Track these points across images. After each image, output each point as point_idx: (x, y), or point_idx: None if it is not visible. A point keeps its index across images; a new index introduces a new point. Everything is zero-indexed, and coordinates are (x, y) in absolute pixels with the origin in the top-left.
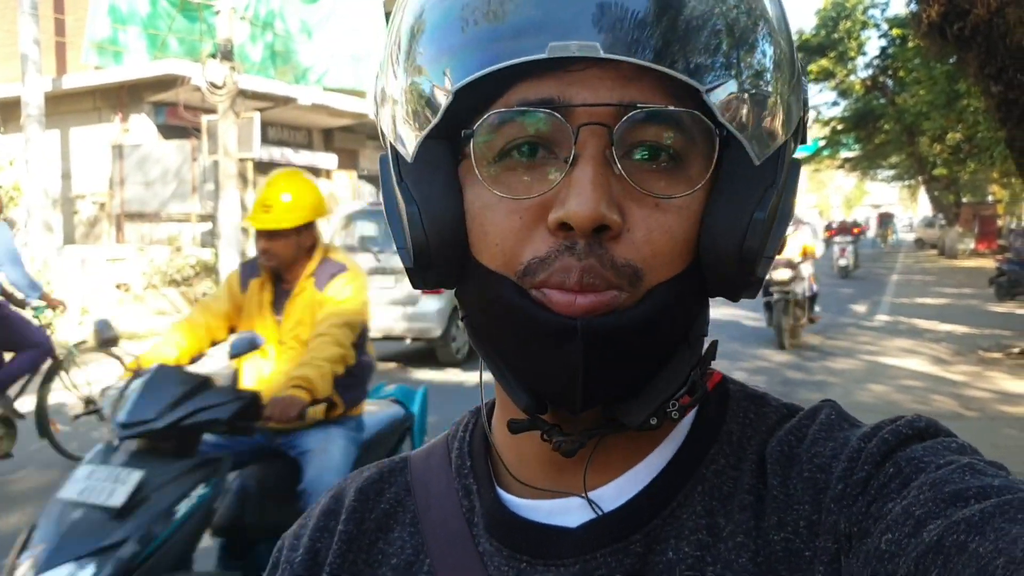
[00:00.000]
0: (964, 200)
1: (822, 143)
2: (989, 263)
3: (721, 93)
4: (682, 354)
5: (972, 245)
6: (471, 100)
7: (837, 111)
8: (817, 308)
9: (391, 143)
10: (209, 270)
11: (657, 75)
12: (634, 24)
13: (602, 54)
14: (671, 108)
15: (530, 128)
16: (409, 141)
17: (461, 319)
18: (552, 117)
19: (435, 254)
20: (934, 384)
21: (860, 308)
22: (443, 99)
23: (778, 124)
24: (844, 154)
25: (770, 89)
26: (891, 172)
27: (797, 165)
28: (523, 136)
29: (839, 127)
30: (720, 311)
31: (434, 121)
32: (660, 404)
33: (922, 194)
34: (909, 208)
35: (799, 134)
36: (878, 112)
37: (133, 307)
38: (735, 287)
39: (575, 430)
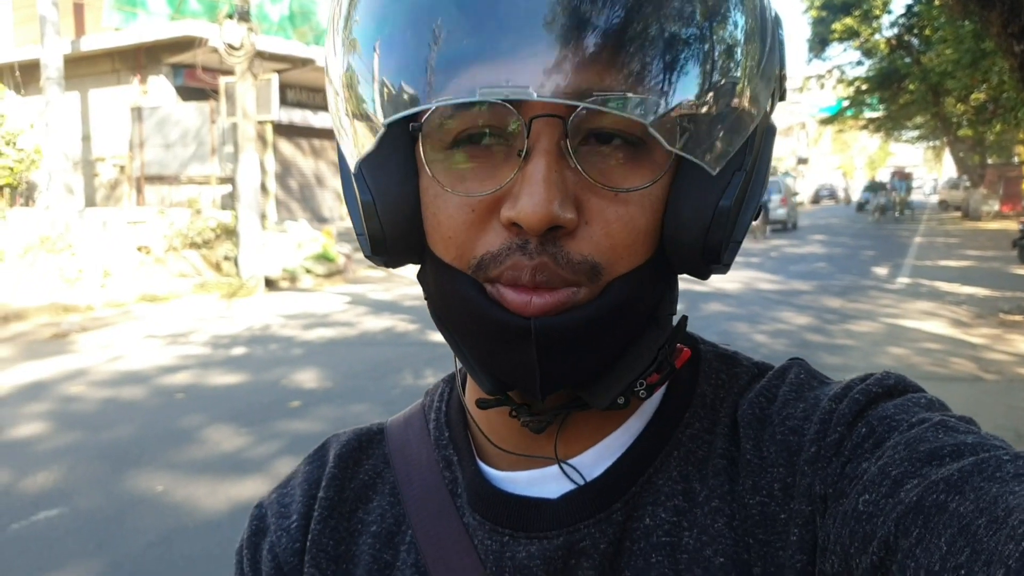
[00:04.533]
0: (989, 161)
1: (846, 103)
2: (1013, 225)
3: (668, 120)
4: (650, 334)
5: (996, 207)
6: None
7: (861, 71)
8: None
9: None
10: (229, 232)
11: (616, 58)
12: (572, 54)
13: (535, 97)
14: (628, 96)
15: (481, 119)
16: (347, 147)
17: (424, 299)
18: (504, 108)
19: (391, 244)
20: (954, 347)
21: (881, 271)
22: (375, 125)
23: (743, 119)
24: (868, 115)
25: (734, 90)
26: (916, 133)
27: (772, 131)
28: (475, 127)
29: (863, 87)
30: (739, 274)
31: (368, 149)
32: (627, 384)
33: (947, 155)
34: (934, 169)
35: (775, 95)
36: (903, 72)
37: (154, 269)
38: (701, 271)
39: (542, 409)
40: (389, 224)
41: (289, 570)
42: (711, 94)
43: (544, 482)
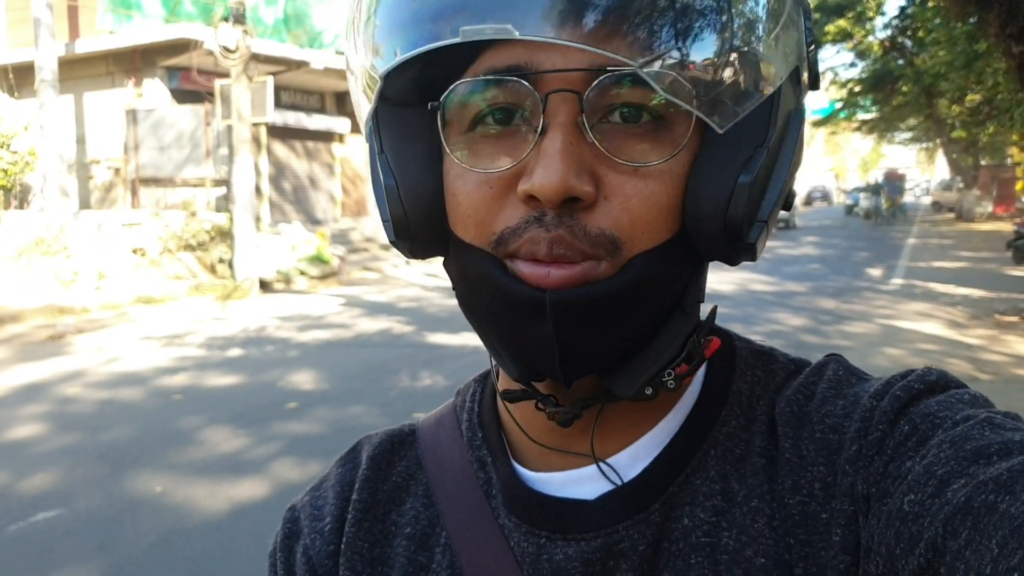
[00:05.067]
0: (983, 163)
1: (839, 105)
2: (1007, 227)
3: (661, 65)
4: (676, 322)
5: (990, 208)
6: (442, 69)
7: (855, 72)
8: None
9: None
10: (224, 235)
11: (632, 31)
12: (576, 22)
13: (517, 35)
14: (645, 70)
15: (499, 96)
16: (361, 119)
17: (453, 290)
18: (520, 85)
19: (414, 228)
20: (950, 348)
21: (876, 272)
22: (374, 84)
23: (753, 82)
24: (861, 116)
25: (739, 47)
26: (908, 135)
27: (799, 114)
28: (493, 104)
29: (856, 89)
30: (733, 275)
31: (370, 107)
32: (654, 374)
33: (940, 157)
34: (927, 171)
35: (801, 78)
36: (896, 73)
37: (149, 271)
38: (728, 253)
39: (569, 400)
40: (412, 208)
41: (324, 572)
42: (711, 54)
43: (580, 483)
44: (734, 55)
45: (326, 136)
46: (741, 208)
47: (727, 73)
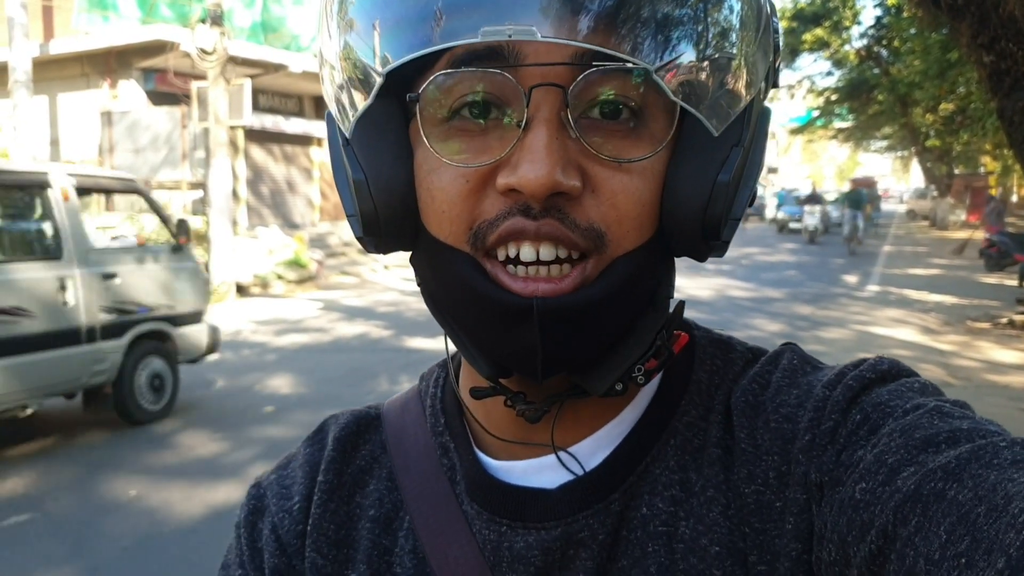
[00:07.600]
0: (956, 171)
1: (816, 113)
2: (980, 234)
3: (673, 69)
4: (648, 318)
5: (963, 216)
6: (417, 58)
7: (831, 81)
8: None
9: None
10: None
11: (619, 22)
12: (575, 15)
13: (539, 38)
14: (629, 65)
15: (479, 87)
16: (342, 119)
17: (417, 284)
18: (503, 78)
19: (385, 223)
20: (923, 353)
21: (851, 279)
22: (373, 80)
23: (741, 86)
24: (838, 124)
25: (733, 53)
26: (884, 143)
27: (767, 114)
28: (472, 95)
29: (833, 97)
30: (711, 281)
31: (366, 103)
32: (625, 370)
33: (914, 165)
34: (902, 179)
35: (769, 78)
36: (872, 82)
37: None
38: (700, 250)
39: (539, 396)
40: (382, 202)
41: (292, 552)
42: (711, 58)
43: (541, 471)
44: (730, 58)
45: (304, 140)
46: (720, 207)
47: (725, 76)
